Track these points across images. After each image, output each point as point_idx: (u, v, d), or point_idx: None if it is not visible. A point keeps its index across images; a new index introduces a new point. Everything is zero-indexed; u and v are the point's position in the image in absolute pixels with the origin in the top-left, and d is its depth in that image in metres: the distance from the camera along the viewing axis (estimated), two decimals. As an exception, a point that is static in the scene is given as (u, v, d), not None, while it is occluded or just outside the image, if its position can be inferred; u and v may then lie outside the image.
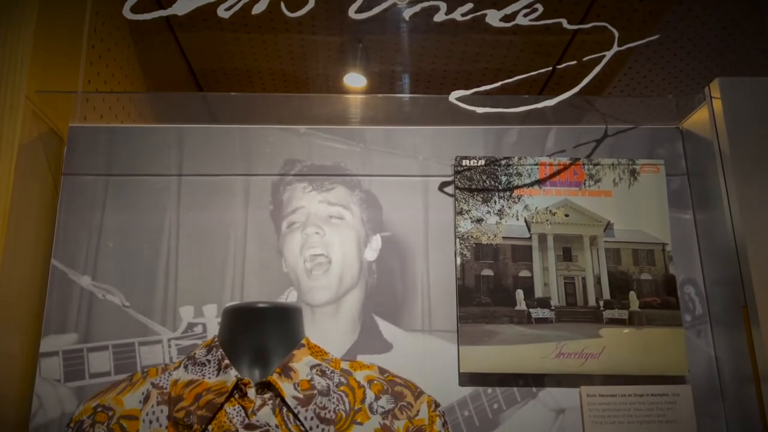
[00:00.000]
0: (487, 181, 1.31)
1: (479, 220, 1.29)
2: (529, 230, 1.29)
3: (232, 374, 0.91)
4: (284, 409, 0.90)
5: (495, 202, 1.30)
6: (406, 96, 1.40)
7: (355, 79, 2.54)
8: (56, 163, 1.31)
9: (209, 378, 0.93)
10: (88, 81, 1.53)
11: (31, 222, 1.24)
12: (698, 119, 1.32)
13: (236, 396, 0.91)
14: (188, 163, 1.33)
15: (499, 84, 1.20)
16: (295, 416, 0.90)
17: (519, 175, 1.32)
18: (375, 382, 0.99)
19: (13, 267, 1.17)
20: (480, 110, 1.19)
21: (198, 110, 1.43)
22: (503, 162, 1.32)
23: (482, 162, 1.32)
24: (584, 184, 1.31)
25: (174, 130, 1.35)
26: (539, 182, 1.31)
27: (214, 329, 1.22)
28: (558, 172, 1.32)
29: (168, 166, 1.32)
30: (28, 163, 1.22)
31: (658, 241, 1.28)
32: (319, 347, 1.01)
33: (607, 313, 1.24)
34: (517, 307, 1.24)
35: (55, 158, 1.31)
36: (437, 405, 0.99)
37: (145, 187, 1.31)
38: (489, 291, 1.25)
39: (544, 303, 1.24)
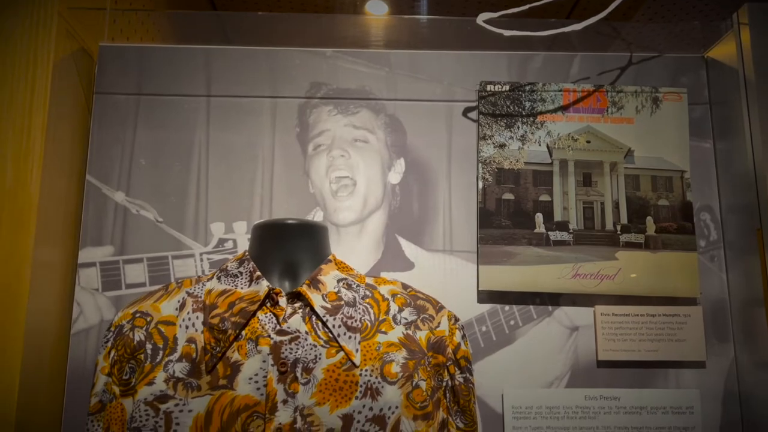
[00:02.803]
0: (511, 107, 1.33)
1: (502, 146, 1.31)
2: (551, 156, 1.31)
3: (264, 284, 0.96)
4: (313, 318, 0.95)
5: (518, 128, 1.32)
6: (433, 17, 1.39)
7: (377, 7, 2.51)
8: (88, 81, 1.34)
9: (242, 288, 0.97)
10: (115, 1, 1.53)
11: (66, 138, 1.27)
12: (724, 47, 1.31)
13: (268, 304, 0.96)
14: (216, 84, 1.34)
15: (526, 7, 1.20)
16: (324, 324, 0.95)
17: (543, 101, 1.33)
18: (398, 296, 1.03)
19: (52, 181, 1.21)
20: (507, 33, 1.19)
21: (223, 31, 1.43)
22: (527, 88, 1.33)
23: (506, 87, 1.33)
24: (607, 111, 1.32)
25: (202, 51, 1.36)
26: (562, 108, 1.32)
27: (244, 244, 1.26)
28: (581, 99, 1.32)
29: (197, 87, 1.34)
30: (62, 80, 1.25)
31: (677, 169, 1.30)
32: (345, 263, 1.05)
33: (624, 237, 1.27)
34: (536, 230, 1.27)
35: (87, 76, 1.33)
36: (457, 319, 1.04)
37: (174, 106, 1.33)
38: (509, 214, 1.28)
39: (563, 226, 1.27)
